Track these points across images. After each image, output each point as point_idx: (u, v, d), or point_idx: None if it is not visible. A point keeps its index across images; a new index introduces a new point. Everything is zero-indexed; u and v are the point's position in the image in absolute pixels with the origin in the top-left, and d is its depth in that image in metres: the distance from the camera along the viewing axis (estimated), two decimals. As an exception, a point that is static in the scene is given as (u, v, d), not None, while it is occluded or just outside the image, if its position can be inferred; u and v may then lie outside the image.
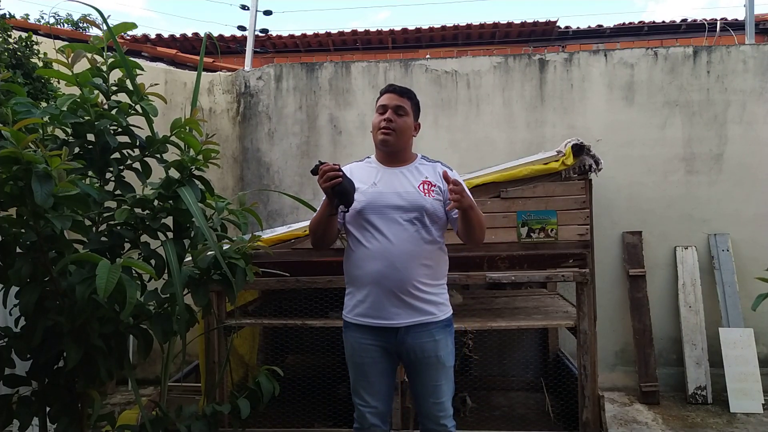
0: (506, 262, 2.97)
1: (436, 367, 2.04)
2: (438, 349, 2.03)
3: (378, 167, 2.13)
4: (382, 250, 1.99)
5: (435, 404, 2.06)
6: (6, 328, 1.69)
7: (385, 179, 2.08)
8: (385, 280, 1.99)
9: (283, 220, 4.43)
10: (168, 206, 1.79)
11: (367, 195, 2.04)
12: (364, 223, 2.04)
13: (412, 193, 2.04)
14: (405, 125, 2.10)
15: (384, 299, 2.00)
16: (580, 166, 2.90)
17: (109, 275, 1.36)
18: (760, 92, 4.13)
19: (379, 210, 2.02)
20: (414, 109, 2.15)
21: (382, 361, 2.07)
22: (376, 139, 2.11)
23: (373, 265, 2.00)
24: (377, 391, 2.08)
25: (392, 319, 2.01)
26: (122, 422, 1.96)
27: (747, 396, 3.72)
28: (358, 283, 2.07)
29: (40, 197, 1.35)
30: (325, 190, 1.92)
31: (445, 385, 2.07)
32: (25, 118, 1.49)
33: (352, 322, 2.09)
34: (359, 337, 2.06)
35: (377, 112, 2.12)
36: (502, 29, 6.73)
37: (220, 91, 4.64)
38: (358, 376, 2.11)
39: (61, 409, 1.71)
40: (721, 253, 4.07)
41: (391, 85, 2.16)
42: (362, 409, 2.10)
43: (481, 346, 3.92)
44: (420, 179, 2.08)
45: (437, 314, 2.05)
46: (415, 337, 2.01)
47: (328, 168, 1.88)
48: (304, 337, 3.95)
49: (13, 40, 3.13)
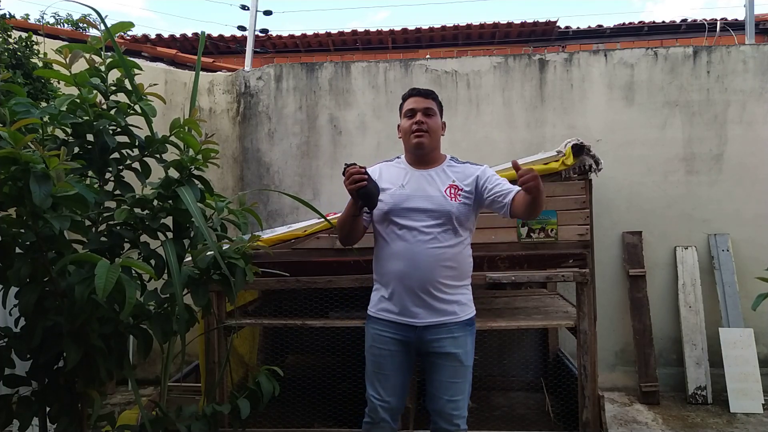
0: (506, 262, 2.97)
1: (453, 364, 2.06)
2: (456, 346, 2.05)
3: (407, 169, 2.16)
4: (406, 251, 2.04)
5: (449, 402, 2.06)
6: (6, 329, 1.69)
7: (413, 182, 2.11)
8: (408, 279, 2.03)
9: (283, 220, 4.43)
10: (167, 206, 1.79)
11: (395, 197, 2.08)
12: (390, 224, 2.09)
13: (438, 198, 2.06)
14: (436, 125, 2.14)
15: (406, 298, 2.05)
16: (580, 166, 2.90)
17: (108, 275, 1.36)
18: (760, 92, 4.13)
19: (405, 212, 2.06)
20: (440, 109, 2.18)
21: (399, 355, 2.10)
22: (409, 143, 2.13)
23: (396, 265, 2.05)
24: (392, 385, 2.11)
25: (413, 317, 2.05)
26: (122, 422, 1.96)
27: (747, 396, 3.72)
28: (383, 281, 2.13)
29: (38, 197, 1.35)
30: (350, 192, 1.96)
31: (461, 384, 2.08)
32: (24, 118, 1.48)
33: (375, 316, 2.14)
34: (380, 330, 2.11)
35: (405, 117, 2.14)
36: (502, 29, 6.73)
37: (220, 91, 4.64)
38: (374, 369, 2.14)
39: (61, 409, 1.70)
40: (721, 253, 4.07)
41: (414, 88, 2.19)
42: (375, 402, 2.12)
43: (481, 346, 3.88)
44: (447, 183, 2.10)
45: (459, 314, 2.08)
46: (433, 333, 2.05)
47: (354, 171, 1.92)
48: (304, 337, 3.95)
49: (13, 40, 3.13)
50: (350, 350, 3.45)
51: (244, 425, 2.02)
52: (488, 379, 4.07)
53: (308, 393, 3.53)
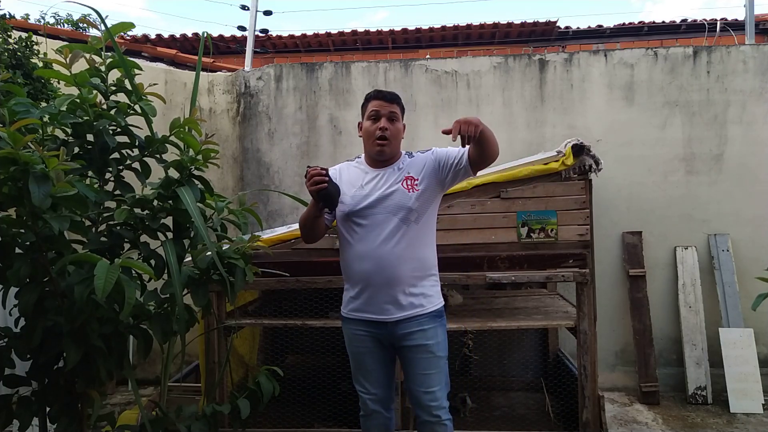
0: (506, 263, 2.97)
1: (424, 356, 2.09)
2: (426, 338, 2.08)
3: (366, 169, 2.19)
4: (370, 251, 2.07)
5: (425, 393, 2.09)
6: (6, 329, 1.69)
7: (372, 182, 2.14)
8: (374, 279, 2.07)
9: (283, 220, 4.43)
10: (167, 206, 1.79)
11: (355, 198, 2.12)
12: (351, 224, 2.12)
13: (396, 194, 2.09)
14: (398, 131, 2.17)
15: (374, 296, 2.09)
16: (580, 166, 2.90)
17: (107, 275, 1.36)
18: (760, 92, 4.12)
19: (366, 212, 2.09)
20: (402, 112, 2.21)
21: (377, 351, 2.16)
22: (371, 148, 2.15)
23: (361, 265, 2.09)
24: (375, 378, 2.18)
25: (382, 314, 2.09)
26: (122, 422, 1.96)
27: (747, 396, 3.72)
28: (350, 281, 2.17)
29: (37, 198, 1.35)
30: (311, 193, 2.01)
31: (435, 375, 2.10)
32: (23, 118, 1.48)
33: (347, 316, 2.20)
34: (354, 329, 2.17)
35: (368, 119, 2.15)
36: (502, 29, 6.73)
37: (220, 92, 4.64)
38: (356, 365, 2.21)
39: (60, 410, 1.71)
40: (721, 254, 4.07)
41: (379, 90, 2.20)
42: (363, 395, 2.20)
43: (481, 346, 3.92)
44: (403, 176, 2.12)
45: (426, 306, 2.11)
46: (402, 327, 2.08)
47: (315, 172, 1.97)
48: (304, 337, 3.95)
49: (13, 41, 3.13)
50: (350, 350, 3.44)
51: (244, 425, 2.02)
52: (488, 379, 4.07)
53: (308, 393, 3.53)
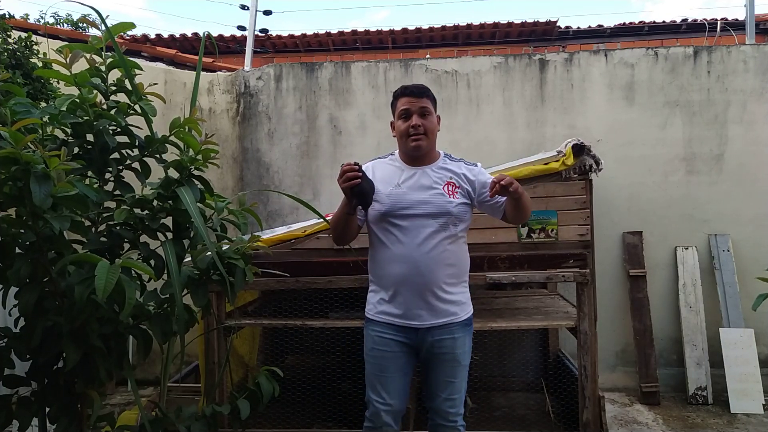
0: (506, 263, 2.97)
1: (451, 363, 2.06)
2: (455, 346, 2.05)
3: (402, 167, 2.10)
4: (407, 253, 1.99)
5: (446, 400, 2.07)
6: (5, 329, 1.69)
7: (409, 180, 2.05)
8: (409, 283, 1.99)
9: (282, 221, 4.43)
10: (167, 206, 1.79)
11: (392, 197, 2.02)
12: (387, 225, 2.02)
13: (437, 197, 2.01)
14: (432, 125, 2.07)
15: (408, 301, 2.01)
16: (580, 166, 2.90)
17: (108, 276, 1.36)
18: (760, 92, 4.12)
19: (404, 213, 2.00)
20: (434, 105, 2.11)
21: (402, 356, 2.07)
22: (406, 146, 2.06)
23: (397, 268, 2.01)
24: (394, 387, 2.08)
25: (415, 320, 2.02)
26: (122, 423, 1.95)
27: (747, 396, 3.72)
28: (382, 283, 2.08)
29: (38, 198, 1.34)
30: (344, 190, 1.91)
31: (458, 383, 2.09)
32: (24, 118, 1.48)
33: (374, 319, 2.10)
34: (381, 332, 2.07)
35: (400, 118, 2.06)
36: (502, 29, 6.73)
37: (220, 91, 4.64)
38: (375, 371, 2.09)
39: (60, 410, 1.70)
40: (722, 254, 4.06)
41: (406, 87, 2.09)
42: (378, 406, 2.07)
43: (481, 346, 3.91)
44: (445, 180, 2.05)
45: (459, 314, 2.07)
46: (434, 334, 2.03)
47: (348, 168, 1.87)
48: (304, 337, 3.94)
49: (13, 41, 3.13)
50: (350, 350, 3.45)
51: (244, 426, 2.02)
52: (488, 380, 4.06)
53: (308, 393, 3.53)
